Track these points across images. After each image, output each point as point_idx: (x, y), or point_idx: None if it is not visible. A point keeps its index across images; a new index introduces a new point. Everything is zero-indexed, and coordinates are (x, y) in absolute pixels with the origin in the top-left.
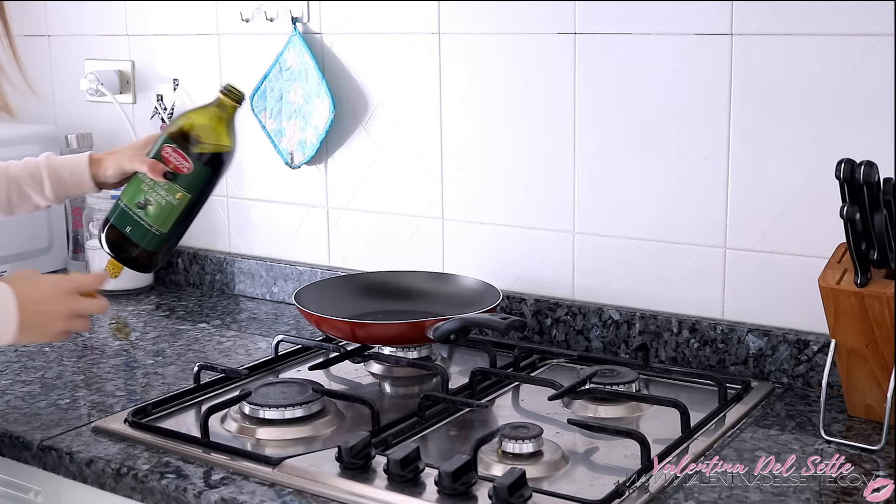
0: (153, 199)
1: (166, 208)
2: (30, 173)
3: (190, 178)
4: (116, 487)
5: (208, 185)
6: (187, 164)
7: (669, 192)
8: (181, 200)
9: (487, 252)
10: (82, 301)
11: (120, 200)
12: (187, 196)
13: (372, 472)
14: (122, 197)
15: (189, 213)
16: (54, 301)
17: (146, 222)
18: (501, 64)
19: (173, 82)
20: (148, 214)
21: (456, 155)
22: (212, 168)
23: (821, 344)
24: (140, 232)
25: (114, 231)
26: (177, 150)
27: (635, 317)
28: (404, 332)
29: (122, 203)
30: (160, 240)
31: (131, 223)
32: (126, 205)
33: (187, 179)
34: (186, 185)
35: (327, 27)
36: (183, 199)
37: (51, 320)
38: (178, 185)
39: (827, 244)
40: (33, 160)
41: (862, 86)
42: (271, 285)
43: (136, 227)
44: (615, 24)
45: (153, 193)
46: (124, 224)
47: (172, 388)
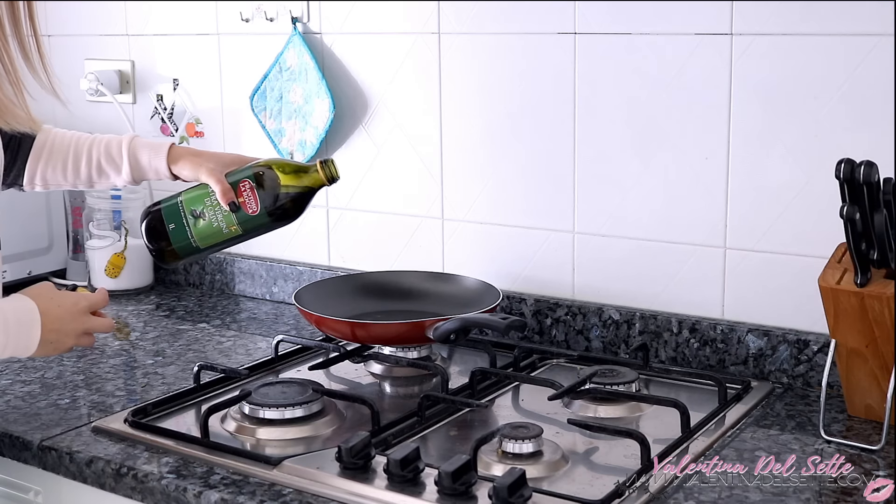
0: (208, 217)
1: (215, 231)
2: (110, 155)
3: (250, 219)
4: (116, 487)
5: (260, 231)
6: (256, 206)
7: (669, 192)
8: (231, 233)
9: (487, 252)
10: (93, 320)
11: (179, 196)
12: (238, 231)
13: (372, 472)
14: (183, 194)
15: (229, 245)
16: (71, 319)
17: (191, 231)
18: (501, 64)
19: (173, 82)
20: (196, 226)
21: (456, 155)
22: (272, 222)
23: (821, 344)
24: (180, 235)
25: (158, 219)
26: (253, 190)
27: (635, 317)
28: (404, 332)
29: (179, 200)
30: (192, 251)
31: (177, 223)
32: (182, 204)
33: (247, 219)
34: (243, 223)
35: (327, 27)
36: (234, 232)
37: (65, 337)
38: (236, 218)
39: (827, 244)
40: (116, 141)
41: (862, 86)
42: (271, 285)
43: (180, 229)
44: (615, 24)
45: (211, 211)
46: (171, 219)
47: (172, 388)
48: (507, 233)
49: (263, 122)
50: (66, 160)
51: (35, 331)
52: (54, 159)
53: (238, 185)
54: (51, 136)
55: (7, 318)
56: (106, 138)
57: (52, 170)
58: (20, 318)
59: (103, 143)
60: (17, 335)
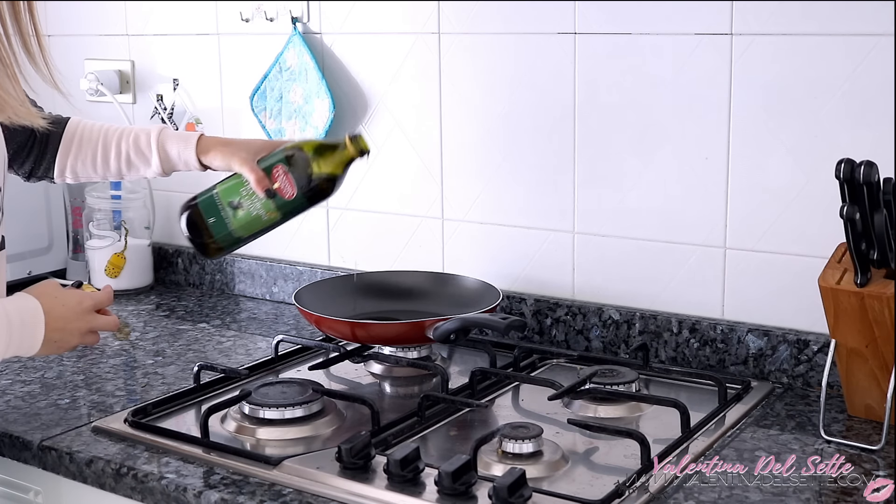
0: (246, 206)
1: (254, 219)
2: (139, 148)
3: (288, 203)
4: (116, 487)
5: (298, 213)
6: (292, 190)
7: (669, 192)
8: (270, 219)
9: (487, 252)
10: (98, 318)
11: (214, 189)
12: (278, 217)
13: (372, 472)
14: (218, 186)
15: (269, 230)
16: (76, 318)
17: (231, 222)
18: (501, 64)
19: (173, 82)
20: (236, 217)
21: (456, 155)
22: (310, 202)
23: (821, 344)
24: (221, 227)
25: (197, 214)
26: (287, 175)
27: (635, 317)
28: (404, 332)
29: (215, 193)
30: (235, 242)
31: (216, 216)
32: (219, 197)
33: (284, 203)
34: (281, 208)
35: (327, 27)
36: (273, 217)
37: (69, 336)
38: (274, 204)
39: (827, 244)
40: (145, 133)
41: (862, 86)
42: (271, 285)
43: (220, 222)
44: (615, 24)
45: (248, 201)
46: (210, 214)
47: (172, 388)
48: (507, 233)
49: (263, 122)
50: (95, 153)
51: (38, 330)
52: (84, 152)
53: (271, 170)
54: (79, 129)
55: (10, 317)
56: (134, 131)
57: (81, 163)
58: (23, 317)
59: (132, 136)
60: (20, 335)
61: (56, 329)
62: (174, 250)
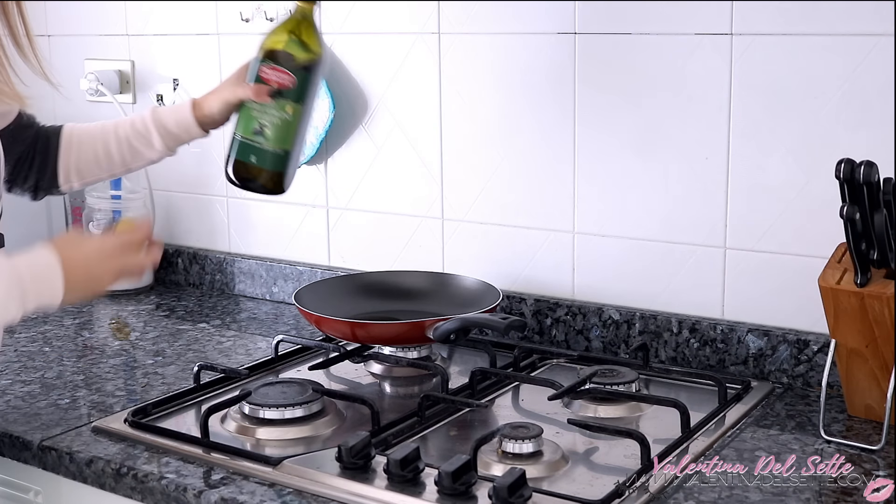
0: (267, 122)
1: (283, 126)
2: (137, 131)
3: (296, 89)
4: (116, 487)
5: (313, 89)
6: (289, 77)
7: (669, 191)
8: (295, 113)
9: (487, 252)
10: (129, 259)
11: (235, 134)
12: (299, 107)
13: (372, 472)
14: (236, 130)
15: (304, 123)
16: (99, 263)
17: (268, 146)
18: (501, 64)
19: (173, 82)
20: (268, 138)
21: (456, 155)
22: (311, 72)
23: (821, 344)
24: (265, 157)
25: (240, 164)
26: (274, 68)
27: (635, 317)
28: (404, 332)
29: (238, 136)
30: (286, 158)
31: (254, 151)
32: (243, 136)
33: (293, 92)
34: (294, 97)
35: (327, 27)
36: (296, 111)
37: (96, 282)
38: (286, 99)
39: (827, 244)
40: (140, 116)
41: (862, 86)
42: (271, 285)
43: (260, 153)
44: (615, 24)
45: (265, 116)
46: (247, 155)
47: (172, 388)
48: (507, 233)
49: None
50: (95, 149)
51: (56, 281)
52: (84, 152)
53: (261, 77)
54: (75, 132)
55: (21, 273)
56: (128, 118)
57: (85, 163)
58: (36, 271)
59: (128, 123)
60: (36, 289)
61: (79, 277)
62: (174, 250)
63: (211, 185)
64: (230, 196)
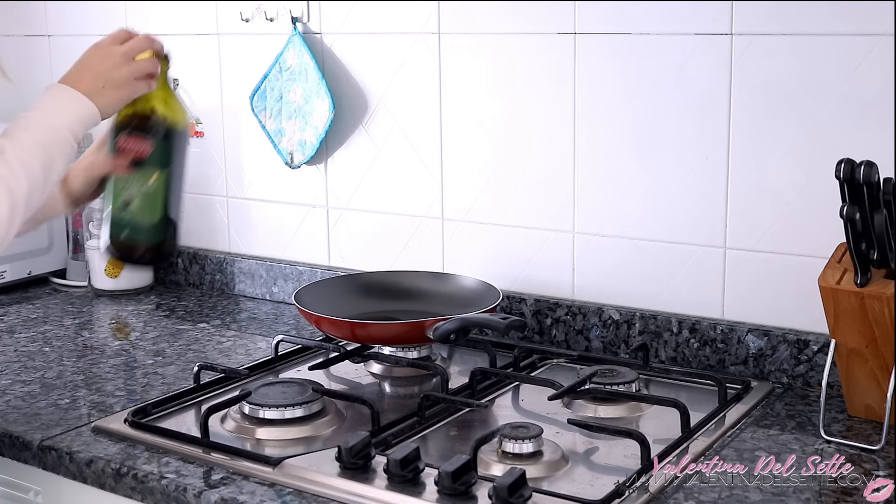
0: (133, 193)
1: (149, 195)
2: None
3: (156, 154)
4: (116, 487)
5: (177, 148)
6: (145, 143)
7: (669, 191)
8: (160, 179)
9: (487, 252)
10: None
11: (105, 211)
12: (164, 171)
13: (372, 472)
14: (105, 206)
15: (175, 186)
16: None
17: (139, 218)
18: (501, 64)
19: (173, 82)
20: (137, 209)
21: (456, 155)
22: (171, 133)
23: (821, 344)
24: (138, 231)
25: (115, 241)
26: (131, 136)
27: (635, 317)
28: (404, 332)
29: (107, 213)
30: (160, 228)
31: (126, 226)
32: (112, 212)
33: (155, 157)
34: (157, 163)
35: (327, 27)
36: (161, 176)
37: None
38: (147, 168)
39: (827, 244)
40: None
41: (862, 86)
42: (271, 285)
43: (132, 227)
44: (615, 24)
45: (130, 188)
46: (120, 230)
47: (172, 388)
48: (507, 233)
49: (263, 121)
50: None
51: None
52: None
53: (118, 148)
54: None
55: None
56: None
57: None
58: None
59: None
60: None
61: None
62: (178, 237)
63: (211, 185)
64: (230, 196)
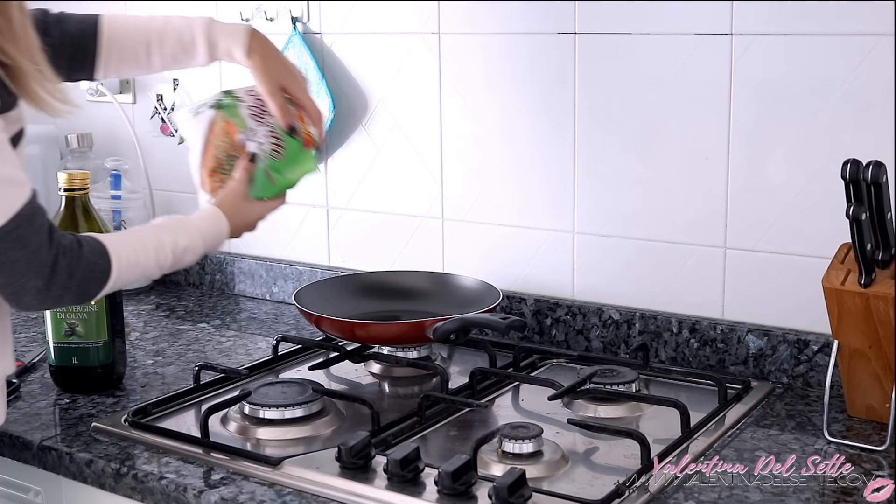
0: (76, 320)
1: (91, 317)
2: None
3: None
4: (116, 487)
5: None
6: None
7: (669, 192)
8: (98, 302)
9: (487, 252)
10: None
11: (48, 343)
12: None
13: (372, 472)
14: (48, 339)
15: (112, 309)
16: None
17: (85, 342)
18: (501, 64)
19: (173, 82)
20: (81, 335)
21: (456, 155)
22: None
23: (821, 344)
24: (87, 354)
25: (63, 370)
26: None
27: (635, 317)
28: (404, 332)
29: (51, 344)
30: (107, 347)
31: (73, 354)
32: (56, 342)
33: None
34: None
35: (327, 27)
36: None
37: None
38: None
39: (827, 244)
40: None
41: (862, 86)
42: (271, 285)
43: (80, 352)
44: (615, 24)
45: (72, 316)
46: (68, 358)
47: (172, 388)
48: (507, 233)
49: None
50: (136, 55)
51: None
52: (125, 56)
53: None
54: (116, 33)
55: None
56: (176, 28)
57: (124, 66)
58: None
59: (175, 34)
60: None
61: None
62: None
63: None
64: None
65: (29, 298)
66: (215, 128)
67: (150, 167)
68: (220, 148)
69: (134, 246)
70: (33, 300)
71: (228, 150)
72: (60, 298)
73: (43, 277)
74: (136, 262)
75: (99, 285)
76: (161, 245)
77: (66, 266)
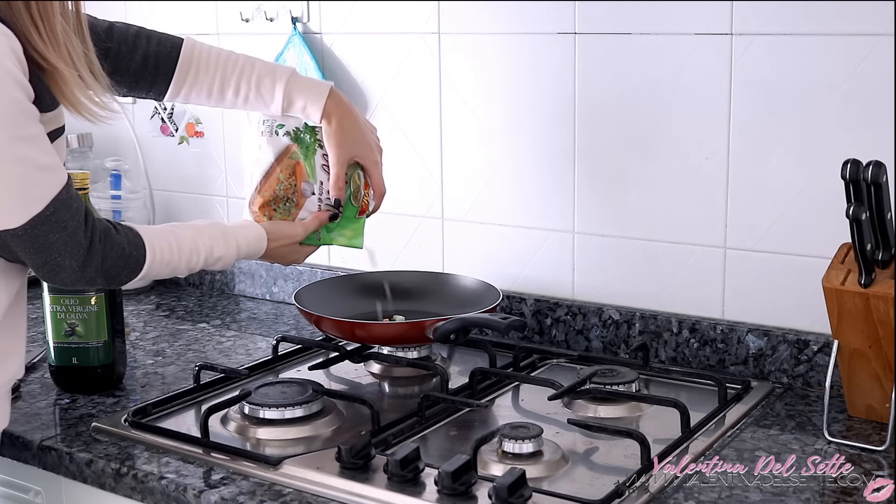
0: (75, 320)
1: (91, 317)
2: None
3: None
4: (116, 487)
5: None
6: None
7: (669, 191)
8: (98, 302)
9: (487, 252)
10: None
11: (48, 343)
12: (100, 296)
13: (372, 472)
14: (48, 339)
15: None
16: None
17: (85, 342)
18: (501, 64)
19: None
20: (81, 335)
21: (456, 155)
22: None
23: (821, 344)
24: (87, 354)
25: (63, 370)
26: None
27: (635, 317)
28: (404, 332)
29: (51, 344)
30: (107, 347)
31: (73, 354)
32: (56, 342)
33: None
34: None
35: (327, 27)
36: (98, 300)
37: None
38: (91, 293)
39: (827, 244)
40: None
41: (862, 86)
42: (271, 285)
43: (80, 352)
44: (615, 24)
45: (72, 316)
46: (68, 358)
47: (172, 388)
48: (507, 233)
49: None
50: (211, 87)
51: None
52: (199, 84)
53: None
54: (195, 59)
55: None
56: (257, 71)
57: (196, 93)
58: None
59: (254, 78)
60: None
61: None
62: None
63: (211, 185)
64: (230, 196)
65: (64, 275)
66: (285, 159)
67: (150, 167)
68: (282, 185)
69: (171, 244)
70: (68, 277)
71: (288, 192)
72: (93, 280)
73: (78, 259)
74: (170, 261)
75: (130, 275)
76: (197, 249)
77: (101, 250)
